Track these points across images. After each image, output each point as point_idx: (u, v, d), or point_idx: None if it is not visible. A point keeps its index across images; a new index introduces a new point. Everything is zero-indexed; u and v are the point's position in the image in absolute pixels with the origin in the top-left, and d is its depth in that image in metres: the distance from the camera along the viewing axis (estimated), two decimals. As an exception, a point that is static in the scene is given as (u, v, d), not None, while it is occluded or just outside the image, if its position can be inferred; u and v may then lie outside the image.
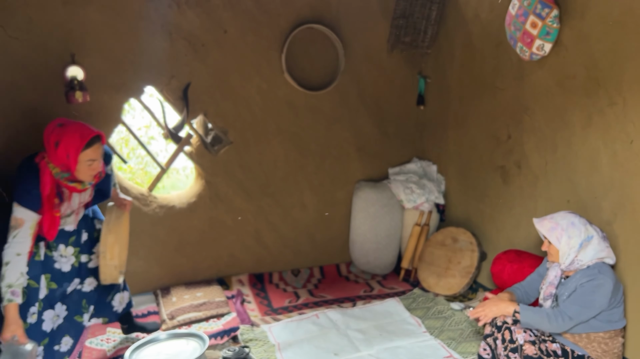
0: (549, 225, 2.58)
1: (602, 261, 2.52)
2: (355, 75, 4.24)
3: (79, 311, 2.95)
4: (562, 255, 2.53)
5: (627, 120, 2.63)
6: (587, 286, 2.44)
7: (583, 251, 2.50)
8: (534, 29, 2.97)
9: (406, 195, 4.17)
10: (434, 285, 3.86)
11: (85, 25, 3.45)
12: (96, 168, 2.58)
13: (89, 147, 2.51)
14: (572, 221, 2.54)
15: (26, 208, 2.50)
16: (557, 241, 2.53)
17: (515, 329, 2.59)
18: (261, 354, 3.08)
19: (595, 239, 2.51)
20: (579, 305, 2.45)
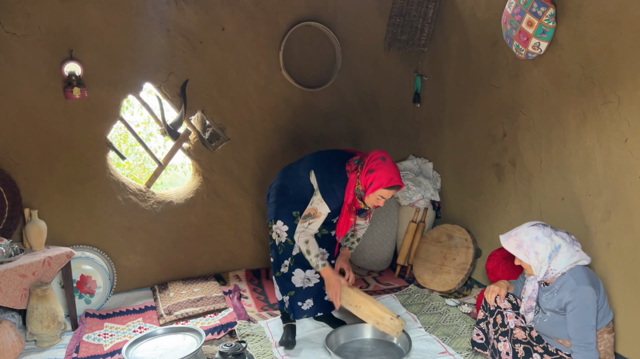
0: (514, 244, 2.56)
1: (577, 265, 2.50)
2: (352, 72, 4.26)
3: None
4: (534, 269, 2.53)
5: (621, 118, 2.66)
6: (576, 303, 2.41)
7: (554, 261, 2.48)
8: (530, 28, 2.99)
9: (402, 192, 4.19)
10: (429, 281, 3.89)
11: (83, 22, 3.46)
12: (381, 203, 2.87)
13: (388, 189, 2.79)
14: (535, 236, 2.51)
15: (327, 205, 2.87)
16: (526, 258, 2.52)
17: (507, 313, 2.65)
18: (258, 349, 3.10)
19: (563, 247, 2.49)
20: (583, 329, 2.42)
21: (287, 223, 3.02)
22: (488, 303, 2.75)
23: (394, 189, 2.81)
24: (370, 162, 2.83)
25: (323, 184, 2.89)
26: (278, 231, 3.06)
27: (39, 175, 3.51)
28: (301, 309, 3.13)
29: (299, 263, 3.07)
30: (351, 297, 2.93)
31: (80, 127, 3.57)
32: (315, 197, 2.91)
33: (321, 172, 2.93)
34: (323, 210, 2.89)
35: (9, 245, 3.17)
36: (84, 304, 3.58)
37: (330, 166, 2.94)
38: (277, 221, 3.04)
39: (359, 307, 2.90)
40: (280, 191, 3.06)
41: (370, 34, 4.24)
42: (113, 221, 3.77)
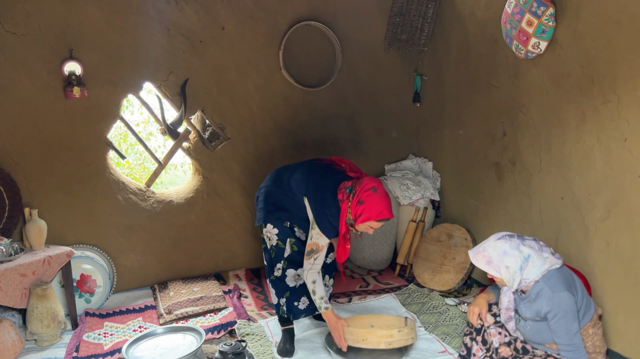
0: (483, 260, 2.53)
1: (549, 270, 2.45)
2: (352, 72, 4.26)
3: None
4: (507, 282, 2.50)
5: (621, 117, 2.66)
6: (555, 310, 2.39)
7: (526, 271, 2.45)
8: (529, 27, 2.99)
9: (402, 191, 4.19)
10: (429, 281, 3.89)
11: (83, 21, 3.46)
12: (371, 232, 2.89)
13: (378, 222, 2.79)
14: (504, 251, 2.47)
15: (325, 237, 2.88)
16: (498, 273, 2.50)
17: (491, 332, 2.64)
18: (257, 348, 3.10)
19: (533, 256, 2.45)
20: (567, 334, 2.41)
21: (277, 226, 3.02)
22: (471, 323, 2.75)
23: (384, 222, 2.82)
24: (361, 192, 2.78)
25: (319, 217, 2.87)
26: (268, 234, 3.05)
27: (39, 175, 3.52)
28: (298, 309, 3.12)
29: (292, 263, 3.08)
30: (354, 335, 2.91)
31: (80, 126, 3.57)
32: (313, 231, 2.89)
33: (314, 202, 2.89)
34: (324, 243, 2.90)
35: (9, 244, 3.18)
36: (84, 304, 3.58)
37: (324, 193, 2.89)
38: (266, 224, 3.03)
39: (366, 339, 2.87)
40: (270, 200, 3.04)
41: (370, 34, 4.25)
42: (113, 221, 3.77)
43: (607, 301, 2.78)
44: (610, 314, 2.76)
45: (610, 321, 2.76)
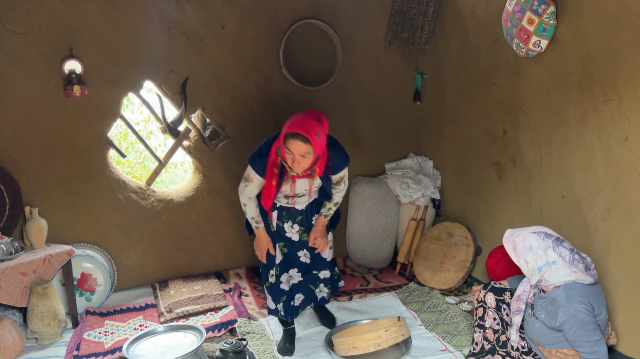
0: (510, 246, 2.57)
1: (575, 281, 2.42)
2: (353, 70, 4.25)
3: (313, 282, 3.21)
4: (526, 274, 2.52)
5: (622, 116, 2.66)
6: (575, 329, 2.37)
7: (547, 273, 2.43)
8: (530, 26, 2.98)
9: (402, 190, 4.19)
10: (430, 279, 3.89)
11: (83, 19, 3.46)
12: (295, 161, 2.69)
13: (288, 139, 2.64)
14: (530, 245, 2.48)
15: (254, 172, 2.83)
16: (517, 262, 2.54)
17: (489, 313, 2.70)
18: (258, 347, 3.10)
19: (559, 264, 2.42)
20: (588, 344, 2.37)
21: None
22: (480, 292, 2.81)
23: (297, 139, 2.60)
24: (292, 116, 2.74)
25: (254, 149, 2.85)
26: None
27: (39, 173, 3.52)
28: (294, 307, 3.13)
29: (284, 267, 3.11)
30: (344, 344, 2.91)
31: (80, 124, 3.57)
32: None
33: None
34: (253, 175, 2.85)
35: (10, 242, 3.18)
36: (84, 302, 3.59)
37: (270, 136, 2.88)
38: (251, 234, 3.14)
39: (356, 347, 2.88)
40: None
41: (370, 32, 4.24)
42: (113, 219, 3.77)
43: (608, 299, 2.78)
44: (611, 313, 2.76)
45: (611, 319, 2.76)
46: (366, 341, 2.86)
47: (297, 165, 2.70)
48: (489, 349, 2.68)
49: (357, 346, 2.87)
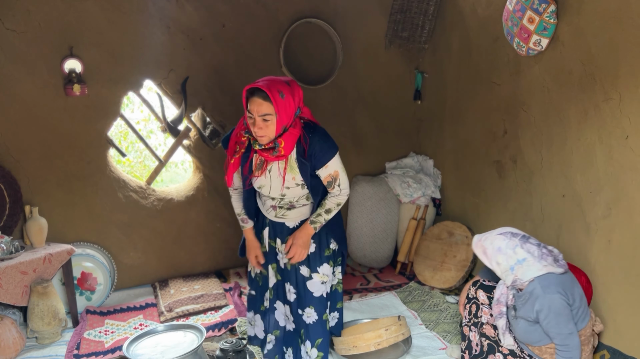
0: (480, 250, 2.57)
1: (548, 272, 2.43)
2: (353, 69, 4.25)
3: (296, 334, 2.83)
4: (500, 276, 2.53)
5: (622, 115, 2.65)
6: (549, 319, 2.38)
7: (519, 271, 2.44)
8: (531, 24, 2.98)
9: (403, 189, 4.19)
10: (430, 278, 3.89)
11: (83, 19, 3.45)
12: (256, 126, 2.36)
13: (249, 98, 2.38)
14: (498, 247, 2.49)
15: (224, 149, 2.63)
16: (490, 266, 2.54)
17: (484, 309, 2.69)
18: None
19: (529, 261, 2.44)
20: (559, 336, 2.39)
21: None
22: (470, 290, 2.79)
23: (255, 96, 2.34)
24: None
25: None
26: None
27: (39, 172, 3.51)
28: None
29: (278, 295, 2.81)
30: (344, 344, 2.92)
31: (80, 124, 3.57)
32: None
33: None
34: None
35: (10, 242, 3.18)
36: (84, 301, 3.59)
37: None
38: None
39: (355, 346, 2.88)
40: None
41: (370, 31, 4.24)
42: (114, 219, 3.77)
43: (609, 298, 2.78)
44: (612, 312, 2.76)
45: (612, 318, 2.76)
46: (366, 340, 2.86)
47: (259, 130, 2.36)
48: (488, 349, 2.67)
49: (357, 346, 2.87)
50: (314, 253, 2.71)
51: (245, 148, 2.53)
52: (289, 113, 2.39)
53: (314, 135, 2.49)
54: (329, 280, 2.76)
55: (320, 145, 2.49)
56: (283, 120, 2.38)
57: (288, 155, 2.46)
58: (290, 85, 2.42)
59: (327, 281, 2.74)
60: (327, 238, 2.74)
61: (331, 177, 2.57)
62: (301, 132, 2.47)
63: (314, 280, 2.70)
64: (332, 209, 2.61)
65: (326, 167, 2.53)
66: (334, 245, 2.77)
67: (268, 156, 2.45)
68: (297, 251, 2.60)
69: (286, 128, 2.42)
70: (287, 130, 2.43)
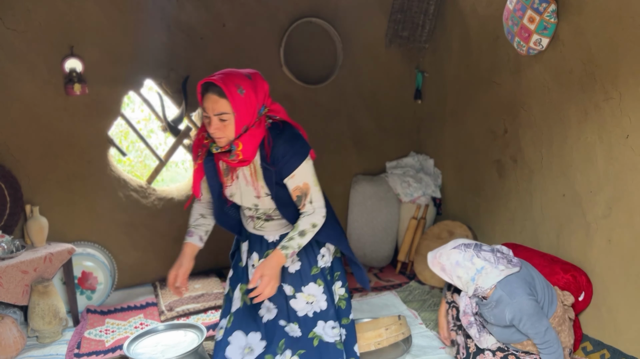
0: (437, 268, 2.56)
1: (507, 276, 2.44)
2: (353, 69, 4.25)
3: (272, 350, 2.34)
4: (462, 288, 2.53)
5: (622, 114, 2.65)
6: (518, 316, 2.39)
7: (480, 280, 2.44)
8: (531, 24, 2.98)
9: (403, 188, 4.19)
10: (430, 278, 3.89)
11: (84, 18, 3.46)
12: (212, 126, 2.07)
13: (204, 95, 2.10)
14: (456, 261, 2.48)
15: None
16: (450, 281, 2.54)
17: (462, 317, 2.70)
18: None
19: (487, 268, 2.44)
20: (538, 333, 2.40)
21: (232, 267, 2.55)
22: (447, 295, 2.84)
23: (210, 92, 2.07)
24: None
25: None
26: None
27: (40, 172, 3.52)
28: None
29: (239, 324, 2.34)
30: None
31: (81, 123, 3.57)
32: None
33: None
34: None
35: (11, 241, 3.18)
36: (85, 301, 3.59)
37: None
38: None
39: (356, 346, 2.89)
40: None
41: (371, 30, 4.24)
42: (114, 218, 3.77)
43: (609, 298, 2.78)
44: (612, 311, 2.76)
45: (612, 318, 2.76)
46: (366, 339, 2.86)
47: (216, 131, 2.07)
48: (476, 349, 2.66)
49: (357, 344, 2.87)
50: (298, 270, 2.39)
51: (208, 152, 2.23)
52: (250, 111, 2.08)
53: (280, 136, 2.15)
54: (317, 301, 2.40)
55: (285, 148, 2.13)
56: (243, 119, 2.07)
57: (252, 159, 2.14)
58: (253, 78, 2.13)
59: (315, 301, 2.39)
60: (315, 251, 2.40)
61: (300, 191, 2.18)
62: (265, 132, 2.14)
63: (298, 299, 2.38)
64: (307, 231, 2.21)
65: (292, 176, 2.16)
66: (323, 261, 2.43)
67: (229, 161, 2.15)
68: (269, 285, 2.14)
69: (247, 128, 2.11)
70: (248, 131, 2.11)
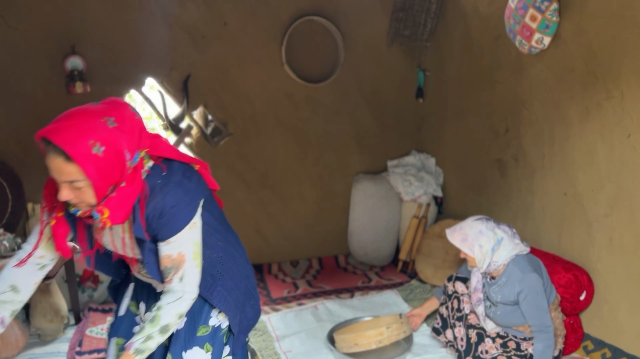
0: (459, 238, 2.64)
1: (517, 255, 2.57)
2: (355, 67, 4.25)
3: None
4: (478, 261, 2.60)
5: (624, 113, 2.65)
6: (526, 292, 2.49)
7: (497, 253, 2.55)
8: (533, 22, 2.97)
9: (404, 187, 4.19)
10: (432, 277, 3.89)
11: (85, 16, 3.46)
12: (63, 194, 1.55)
13: (45, 149, 1.53)
14: (479, 230, 2.59)
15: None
16: (471, 251, 2.60)
17: (464, 299, 2.79)
18: (260, 344, 3.11)
19: (505, 240, 2.56)
20: (538, 314, 2.50)
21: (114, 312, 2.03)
22: (447, 287, 2.89)
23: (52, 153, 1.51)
24: None
25: None
26: None
27: (42, 170, 3.48)
28: None
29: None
30: (345, 341, 2.92)
31: (82, 121, 3.57)
32: None
33: None
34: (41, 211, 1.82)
35: (13, 239, 3.18)
36: (87, 299, 3.60)
37: None
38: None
39: (357, 344, 2.89)
40: None
41: (372, 29, 4.23)
42: (116, 216, 3.77)
43: (610, 297, 2.78)
44: (613, 310, 2.76)
45: (613, 316, 2.76)
46: (367, 338, 2.87)
47: (68, 199, 1.55)
48: (477, 339, 2.68)
49: (358, 343, 2.88)
50: (180, 331, 1.80)
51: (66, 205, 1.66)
52: (114, 171, 1.53)
53: (163, 188, 1.60)
54: None
55: (165, 205, 1.58)
56: (105, 182, 1.52)
57: (125, 220, 1.60)
58: (116, 120, 1.54)
59: None
60: (208, 308, 1.82)
61: (171, 262, 1.64)
62: (142, 187, 1.58)
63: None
64: (171, 326, 1.66)
65: (168, 242, 1.63)
66: (216, 320, 1.84)
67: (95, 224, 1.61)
68: None
69: (116, 187, 1.56)
70: (116, 190, 1.55)
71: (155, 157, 1.65)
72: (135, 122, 1.60)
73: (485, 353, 2.63)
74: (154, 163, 1.64)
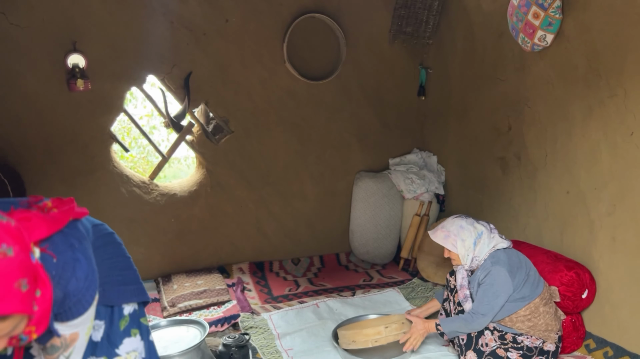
0: (441, 235, 2.72)
1: (496, 249, 2.65)
2: (357, 65, 4.24)
3: None
4: (462, 258, 2.68)
5: (627, 111, 2.64)
6: (486, 280, 2.59)
7: (478, 248, 2.64)
8: (536, 20, 2.96)
9: (406, 185, 4.18)
10: (433, 275, 3.89)
11: (87, 13, 3.45)
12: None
13: None
14: (460, 225, 2.68)
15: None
16: (454, 247, 2.68)
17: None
18: (261, 341, 3.10)
19: (484, 234, 2.66)
20: (486, 300, 2.58)
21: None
22: (449, 282, 2.90)
23: None
24: None
25: None
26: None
27: (43, 167, 3.52)
28: None
29: None
30: (345, 337, 2.93)
31: (84, 119, 3.57)
32: None
33: None
34: None
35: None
36: (88, 296, 3.59)
37: None
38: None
39: (354, 341, 2.89)
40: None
41: (374, 26, 4.22)
42: (116, 214, 3.77)
43: (612, 295, 2.77)
44: (615, 309, 2.75)
45: (615, 315, 2.75)
46: (365, 336, 2.87)
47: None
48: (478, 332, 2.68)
49: (356, 341, 2.88)
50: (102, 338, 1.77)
51: None
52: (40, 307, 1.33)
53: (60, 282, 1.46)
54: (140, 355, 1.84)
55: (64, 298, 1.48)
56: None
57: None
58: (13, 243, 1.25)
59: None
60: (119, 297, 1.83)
61: (62, 341, 1.54)
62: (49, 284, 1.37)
63: None
64: None
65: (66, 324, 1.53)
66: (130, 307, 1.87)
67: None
68: None
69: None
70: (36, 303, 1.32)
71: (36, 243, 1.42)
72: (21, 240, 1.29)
73: (485, 345, 2.64)
74: (40, 252, 1.42)
